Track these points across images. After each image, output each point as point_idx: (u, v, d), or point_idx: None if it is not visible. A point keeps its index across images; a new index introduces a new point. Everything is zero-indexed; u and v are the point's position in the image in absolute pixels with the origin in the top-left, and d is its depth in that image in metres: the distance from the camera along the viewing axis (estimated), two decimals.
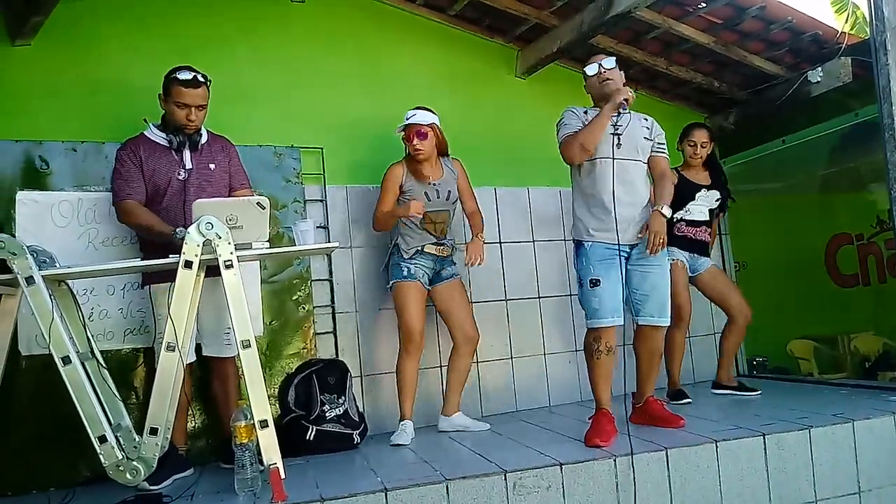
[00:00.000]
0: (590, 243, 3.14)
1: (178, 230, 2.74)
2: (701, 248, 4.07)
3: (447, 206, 3.58)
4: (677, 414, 3.25)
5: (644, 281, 3.16)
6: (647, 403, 3.32)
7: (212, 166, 3.09)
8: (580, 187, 3.23)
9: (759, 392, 3.99)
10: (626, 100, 3.01)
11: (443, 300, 3.57)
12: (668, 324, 3.22)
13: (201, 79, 2.97)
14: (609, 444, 2.91)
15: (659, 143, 3.26)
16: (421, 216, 3.40)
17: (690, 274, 4.07)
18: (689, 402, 3.84)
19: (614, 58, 3.23)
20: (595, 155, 3.13)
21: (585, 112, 3.19)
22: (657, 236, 3.05)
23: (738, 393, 4.04)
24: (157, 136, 3.03)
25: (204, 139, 3.10)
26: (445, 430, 3.57)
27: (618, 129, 3.13)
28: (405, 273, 3.46)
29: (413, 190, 3.49)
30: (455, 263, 3.64)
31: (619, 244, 3.06)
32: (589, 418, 3.15)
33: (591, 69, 3.20)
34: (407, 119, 3.50)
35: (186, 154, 3.04)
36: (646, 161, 3.22)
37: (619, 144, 3.12)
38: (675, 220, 4.02)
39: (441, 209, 3.55)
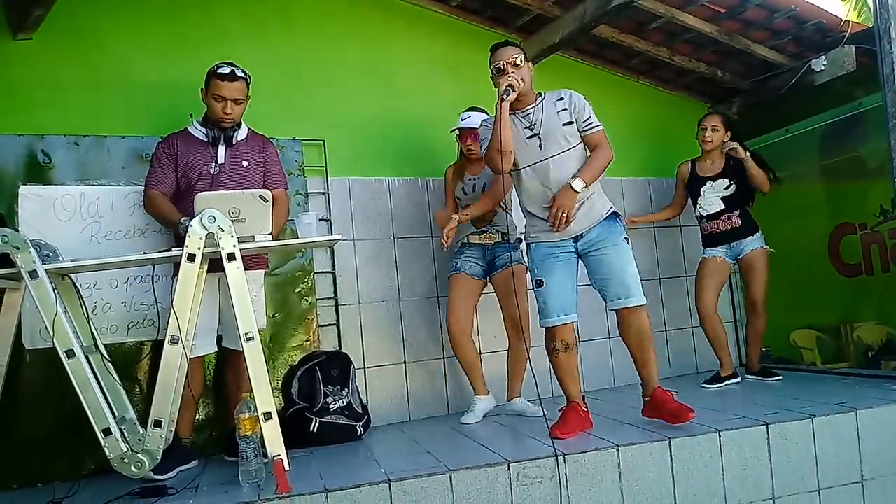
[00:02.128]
0: (534, 244, 3.13)
1: (182, 219, 2.76)
2: (737, 233, 4.11)
3: (476, 196, 3.63)
4: (688, 406, 3.02)
5: (600, 265, 3.03)
6: (655, 395, 3.12)
7: (245, 163, 3.11)
8: (517, 191, 3.19)
9: (779, 377, 4.11)
10: (509, 86, 2.89)
11: (497, 288, 3.68)
12: (641, 302, 3.02)
13: (239, 73, 3.02)
14: (572, 436, 2.93)
15: (585, 121, 3.04)
16: (445, 227, 3.47)
17: (735, 260, 4.16)
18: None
19: (515, 55, 3.01)
20: (520, 164, 3.05)
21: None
22: (560, 210, 2.92)
23: (760, 378, 4.15)
24: (197, 131, 3.09)
25: (242, 136, 3.13)
26: (507, 413, 3.66)
27: (533, 127, 3.04)
28: (454, 267, 3.67)
29: (459, 186, 3.71)
30: (513, 250, 3.64)
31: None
32: (560, 409, 3.15)
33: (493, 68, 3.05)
34: (462, 121, 3.61)
35: (221, 149, 3.07)
36: (579, 143, 3.05)
37: (541, 145, 3.02)
38: (697, 218, 4.19)
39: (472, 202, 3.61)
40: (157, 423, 2.52)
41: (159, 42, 3.52)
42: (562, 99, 3.07)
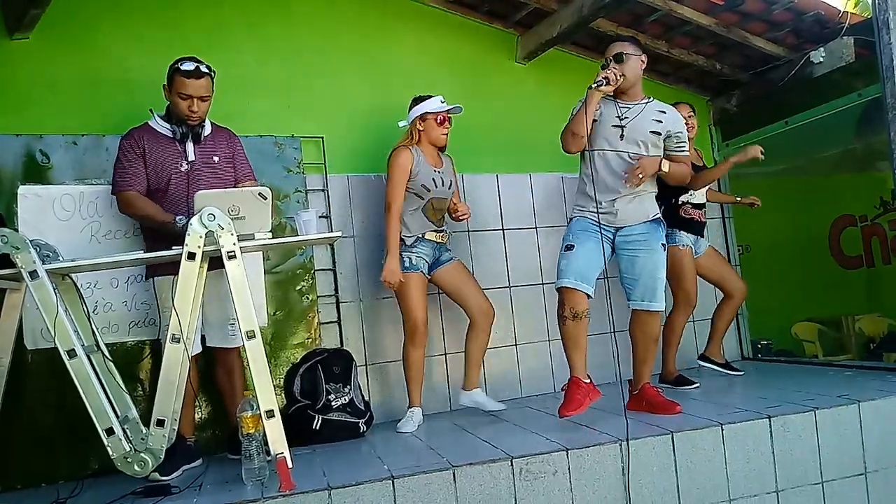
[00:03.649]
0: (576, 217, 3.22)
1: (178, 218, 2.76)
2: (702, 230, 4.10)
3: (448, 194, 3.59)
4: (674, 401, 3.22)
5: (632, 265, 3.15)
6: (644, 390, 3.30)
7: (215, 158, 3.08)
8: (581, 171, 3.27)
9: (742, 373, 4.10)
10: (604, 78, 2.98)
11: (449, 281, 3.59)
12: (661, 308, 3.18)
13: (204, 69, 2.94)
14: (581, 411, 2.96)
15: (679, 142, 3.18)
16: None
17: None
18: (697, 387, 3.84)
19: (621, 50, 3.13)
20: (595, 146, 3.12)
21: None
22: (640, 169, 3.01)
23: (724, 370, 4.12)
24: (161, 127, 3.02)
25: (208, 131, 3.09)
26: (464, 404, 3.60)
27: (623, 120, 3.12)
28: (406, 264, 3.42)
29: (422, 174, 3.47)
30: (450, 249, 3.64)
31: (599, 223, 3.08)
32: (562, 388, 3.17)
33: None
34: (442, 103, 3.52)
35: (189, 146, 3.02)
36: (653, 155, 3.13)
37: (622, 136, 3.11)
38: (681, 202, 4.04)
39: (443, 197, 3.57)
40: (160, 423, 2.51)
41: (157, 40, 3.50)
42: (663, 112, 3.19)
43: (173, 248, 2.59)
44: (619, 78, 3.02)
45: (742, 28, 4.24)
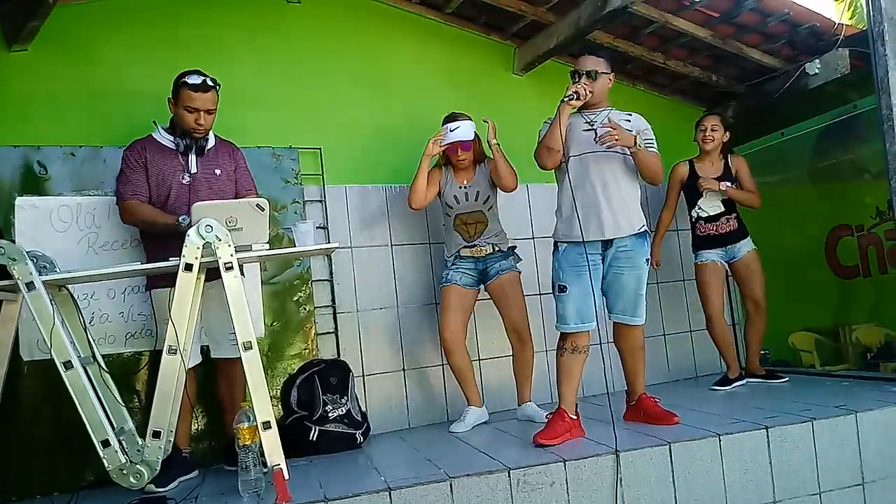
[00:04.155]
0: (563, 246, 3.16)
1: (181, 217, 2.75)
2: (734, 237, 4.10)
3: (478, 206, 3.62)
4: (671, 411, 3.21)
5: (616, 280, 3.14)
6: (641, 401, 3.30)
7: (217, 171, 3.09)
8: (559, 187, 3.24)
9: (786, 379, 4.10)
10: (575, 92, 2.99)
11: (494, 297, 3.68)
12: (641, 323, 3.19)
13: (210, 83, 2.96)
14: (557, 442, 2.93)
15: (647, 141, 3.16)
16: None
17: (729, 261, 4.11)
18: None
19: (594, 68, 3.14)
20: (570, 153, 3.12)
21: None
22: (616, 131, 2.96)
23: (767, 380, 4.11)
24: (165, 139, 3.04)
25: (211, 144, 3.11)
26: (518, 418, 3.67)
27: (592, 123, 3.14)
28: (444, 279, 3.63)
29: (447, 193, 3.65)
30: (506, 258, 3.65)
31: (584, 241, 3.04)
32: (547, 415, 3.18)
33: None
34: (450, 131, 3.55)
35: (192, 158, 3.04)
36: (628, 155, 3.12)
37: (595, 139, 3.08)
38: (692, 219, 4.10)
39: (472, 210, 3.61)
40: (156, 434, 2.51)
41: (155, 51, 3.52)
42: (631, 115, 3.23)
43: (171, 259, 2.59)
44: (588, 94, 3.03)
45: (738, 40, 4.27)
